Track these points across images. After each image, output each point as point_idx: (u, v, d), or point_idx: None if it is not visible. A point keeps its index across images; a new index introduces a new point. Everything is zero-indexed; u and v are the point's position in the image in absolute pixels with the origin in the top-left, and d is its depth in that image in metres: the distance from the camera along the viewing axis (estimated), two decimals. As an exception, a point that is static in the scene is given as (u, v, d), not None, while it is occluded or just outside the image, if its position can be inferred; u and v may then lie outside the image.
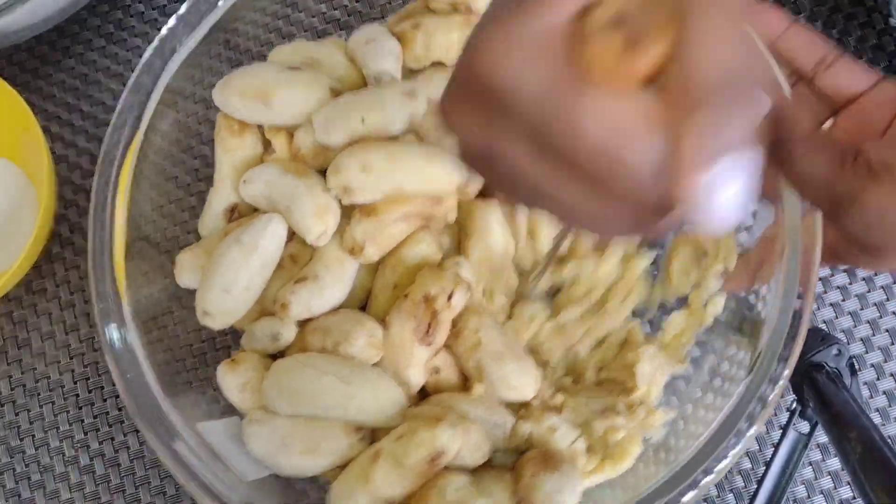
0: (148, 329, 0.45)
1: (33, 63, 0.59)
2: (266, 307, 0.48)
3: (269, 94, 0.47)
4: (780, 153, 0.39)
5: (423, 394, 0.47)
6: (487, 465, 0.45)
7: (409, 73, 0.51)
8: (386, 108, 0.46)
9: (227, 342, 0.50)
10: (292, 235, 0.48)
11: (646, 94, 0.26)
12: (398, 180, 0.45)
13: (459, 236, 0.50)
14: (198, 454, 0.42)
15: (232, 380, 0.46)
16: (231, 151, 0.50)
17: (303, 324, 0.47)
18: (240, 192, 0.49)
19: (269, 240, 0.46)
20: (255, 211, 0.50)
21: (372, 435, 0.45)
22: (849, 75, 0.43)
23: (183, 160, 0.51)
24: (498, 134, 0.28)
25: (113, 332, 0.43)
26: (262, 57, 0.52)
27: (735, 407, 0.41)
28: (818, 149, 0.38)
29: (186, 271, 0.48)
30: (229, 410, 0.47)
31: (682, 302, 0.49)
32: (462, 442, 0.42)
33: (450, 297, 0.44)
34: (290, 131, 0.50)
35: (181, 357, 0.47)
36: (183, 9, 0.47)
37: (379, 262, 0.48)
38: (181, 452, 0.42)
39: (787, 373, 0.41)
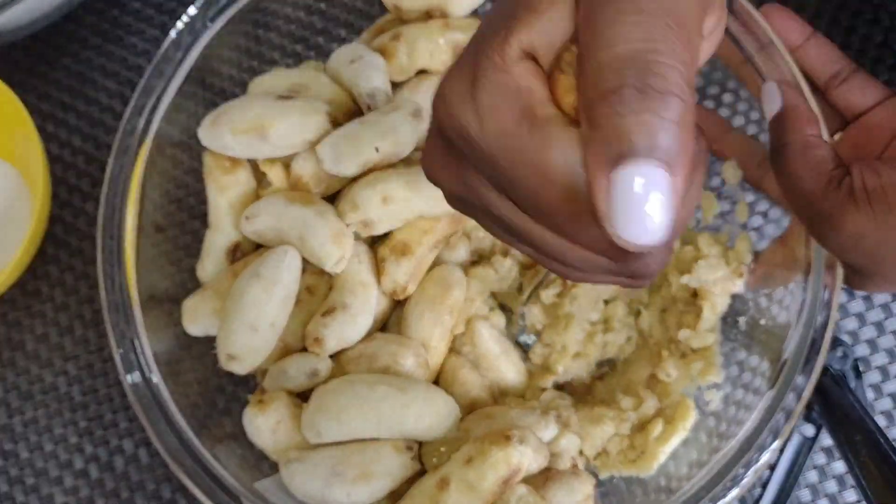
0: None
1: (29, 62, 0.59)
2: (289, 344, 0.46)
3: (265, 127, 0.46)
4: (775, 160, 0.39)
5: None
6: None
7: (394, 85, 0.50)
8: (398, 134, 0.45)
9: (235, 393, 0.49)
10: (304, 268, 0.47)
11: None
12: (419, 207, 0.45)
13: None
14: None
15: (263, 422, 0.44)
16: (226, 190, 0.48)
17: (334, 356, 0.46)
18: (242, 228, 0.47)
19: (287, 272, 0.45)
20: (257, 247, 0.49)
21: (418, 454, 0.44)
22: (861, 91, 0.43)
23: (179, 197, 0.50)
24: (469, 181, 0.28)
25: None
26: (237, 92, 0.52)
27: (759, 420, 0.41)
28: (808, 164, 0.37)
29: (196, 319, 0.47)
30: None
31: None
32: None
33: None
34: (285, 162, 0.49)
35: (209, 413, 0.47)
36: (157, 58, 0.47)
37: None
38: None
39: (812, 384, 0.40)
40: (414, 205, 0.45)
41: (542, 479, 0.43)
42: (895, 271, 0.37)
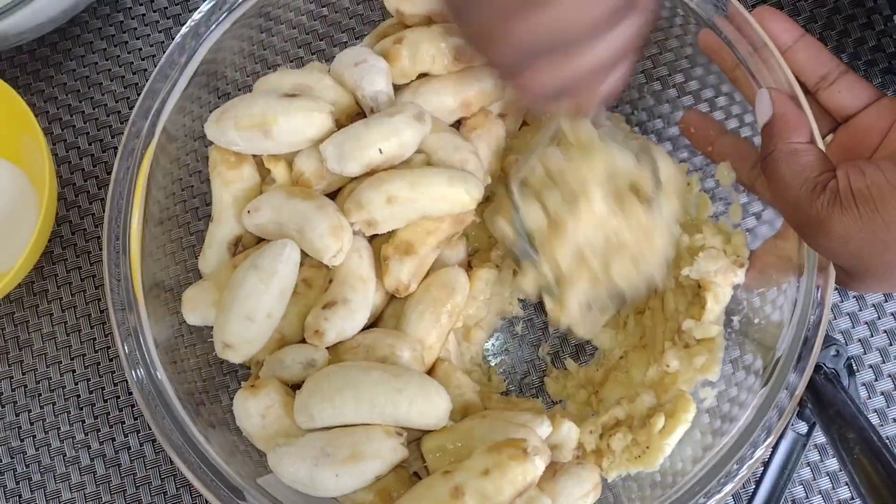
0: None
1: (35, 65, 0.59)
2: (286, 336, 0.47)
3: (269, 124, 0.47)
4: (764, 167, 0.39)
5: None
6: None
7: (395, 88, 0.51)
8: (402, 136, 0.46)
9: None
10: (301, 261, 0.47)
11: None
12: (423, 207, 0.46)
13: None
14: None
15: (253, 405, 0.44)
16: (230, 184, 0.49)
17: (331, 347, 0.47)
18: (244, 222, 0.48)
19: (285, 264, 0.45)
20: (259, 241, 0.49)
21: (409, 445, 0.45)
22: (851, 93, 0.43)
23: (184, 199, 0.51)
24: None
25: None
26: (244, 90, 0.52)
27: (753, 417, 0.42)
28: (793, 171, 0.38)
29: (195, 308, 0.47)
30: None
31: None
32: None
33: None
34: (289, 159, 0.49)
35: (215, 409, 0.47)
36: (163, 59, 0.48)
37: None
38: None
39: (804, 382, 0.41)
40: (418, 205, 0.46)
41: (550, 473, 0.43)
42: (884, 270, 0.38)
